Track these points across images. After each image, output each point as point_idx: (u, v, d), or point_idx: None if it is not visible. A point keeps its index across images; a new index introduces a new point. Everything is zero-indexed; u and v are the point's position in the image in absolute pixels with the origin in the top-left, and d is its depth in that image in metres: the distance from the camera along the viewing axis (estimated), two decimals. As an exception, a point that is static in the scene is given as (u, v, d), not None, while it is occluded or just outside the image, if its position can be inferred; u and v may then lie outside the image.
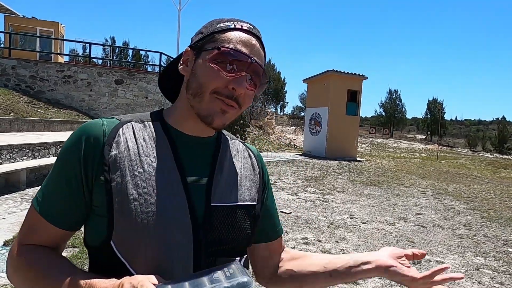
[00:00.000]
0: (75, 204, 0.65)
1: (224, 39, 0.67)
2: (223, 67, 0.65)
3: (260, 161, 0.84)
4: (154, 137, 0.69)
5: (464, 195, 7.96)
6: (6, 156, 6.01)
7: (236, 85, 0.65)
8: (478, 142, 43.10)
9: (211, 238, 0.67)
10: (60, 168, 0.66)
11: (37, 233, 0.66)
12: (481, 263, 3.85)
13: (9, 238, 3.54)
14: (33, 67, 12.30)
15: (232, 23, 0.69)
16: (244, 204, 0.73)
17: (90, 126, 0.67)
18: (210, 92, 0.66)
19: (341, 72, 15.03)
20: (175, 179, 0.66)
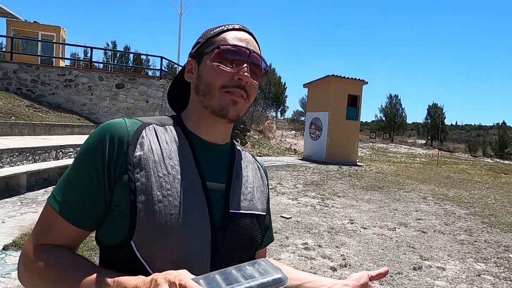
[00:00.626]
0: (96, 203, 0.64)
1: (220, 40, 0.72)
2: (226, 64, 0.70)
3: (265, 173, 0.88)
4: (176, 141, 0.71)
5: (465, 200, 7.94)
6: (6, 159, 6.01)
7: (242, 76, 0.69)
8: (478, 147, 43.09)
9: (228, 243, 0.68)
10: (81, 166, 0.65)
11: (53, 233, 0.65)
12: (482, 269, 3.84)
13: (8, 242, 3.53)
14: (34, 71, 12.34)
15: (225, 26, 0.75)
16: (257, 213, 0.76)
17: (114, 125, 0.67)
18: (218, 88, 0.69)
19: (342, 77, 15.06)
20: (197, 183, 0.68)
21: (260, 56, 0.73)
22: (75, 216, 0.64)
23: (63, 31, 17.15)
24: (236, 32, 0.74)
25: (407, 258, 3.99)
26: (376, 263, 3.78)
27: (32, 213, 4.71)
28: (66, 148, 7.62)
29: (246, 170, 0.80)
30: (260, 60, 0.73)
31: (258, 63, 0.73)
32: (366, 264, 3.73)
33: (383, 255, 4.04)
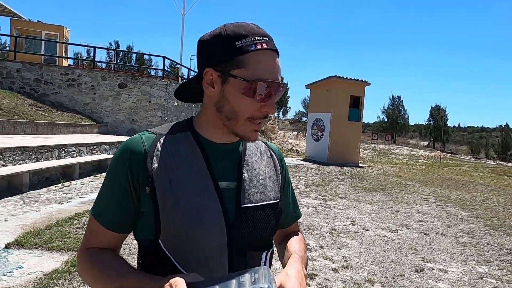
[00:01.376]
0: (127, 211, 0.75)
1: (252, 67, 0.70)
2: (255, 96, 0.71)
3: (281, 159, 0.92)
4: (188, 148, 0.77)
5: (467, 202, 7.91)
6: (9, 158, 6.03)
7: (269, 109, 0.73)
8: (481, 149, 42.89)
9: (242, 236, 0.76)
10: (111, 181, 0.76)
11: (97, 238, 0.77)
12: (484, 272, 3.82)
13: (11, 241, 3.54)
14: (37, 70, 12.39)
15: (252, 41, 0.71)
16: (269, 203, 0.82)
17: (131, 143, 0.76)
18: (244, 119, 0.74)
19: (344, 78, 15.04)
20: (209, 185, 0.75)
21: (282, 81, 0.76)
22: (112, 224, 0.76)
23: (67, 30, 17.21)
24: (268, 55, 0.72)
25: (409, 260, 3.98)
26: (378, 265, 3.77)
27: (34, 212, 4.72)
28: (68, 147, 7.64)
29: (258, 162, 0.84)
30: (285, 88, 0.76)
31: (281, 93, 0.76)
32: (367, 266, 3.72)
33: (385, 257, 4.03)
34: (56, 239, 3.71)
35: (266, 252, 0.83)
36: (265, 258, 0.83)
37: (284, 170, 0.92)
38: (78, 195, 5.89)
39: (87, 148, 8.31)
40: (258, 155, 0.85)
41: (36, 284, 2.77)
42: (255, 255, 0.79)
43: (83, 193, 6.09)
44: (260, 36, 0.72)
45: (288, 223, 0.95)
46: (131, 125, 13.10)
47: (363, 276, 3.45)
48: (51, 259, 3.24)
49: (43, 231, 3.92)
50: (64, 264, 3.14)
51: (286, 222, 0.95)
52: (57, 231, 3.95)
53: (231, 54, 0.71)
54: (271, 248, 0.84)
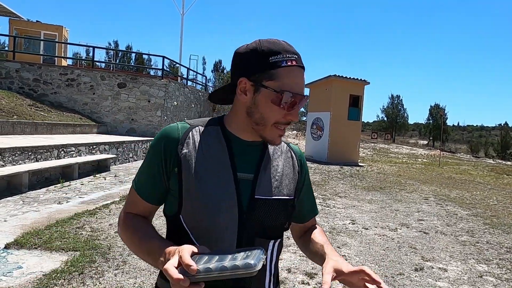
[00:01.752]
0: (159, 186, 0.88)
1: (280, 78, 0.81)
2: (281, 104, 0.82)
3: (301, 160, 1.01)
4: (216, 140, 0.88)
5: (467, 201, 7.92)
6: (8, 158, 6.02)
7: (293, 117, 0.84)
8: (480, 148, 42.93)
9: (252, 223, 0.85)
10: (149, 160, 0.89)
11: (135, 205, 0.91)
12: (484, 270, 3.82)
13: (10, 241, 3.54)
14: (36, 70, 12.37)
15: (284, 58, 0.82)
16: (282, 198, 0.90)
17: (169, 129, 0.89)
18: (271, 124, 0.84)
19: (343, 77, 15.04)
20: (228, 175, 0.85)
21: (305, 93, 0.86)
22: (147, 196, 0.89)
23: (66, 30, 17.18)
24: (296, 71, 0.83)
25: (408, 259, 3.98)
26: (378, 264, 3.77)
27: (33, 212, 4.72)
28: (68, 147, 7.63)
29: (277, 160, 0.94)
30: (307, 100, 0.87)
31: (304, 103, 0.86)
32: (367, 265, 3.72)
33: (385, 256, 4.03)
34: (56, 239, 3.71)
35: (274, 241, 0.91)
36: (272, 246, 0.90)
37: (304, 171, 1.01)
38: (77, 195, 5.88)
39: (87, 148, 8.30)
40: (278, 154, 0.95)
41: (36, 284, 2.76)
42: (263, 242, 0.87)
43: (83, 193, 6.09)
44: (291, 54, 0.83)
45: (305, 218, 1.05)
46: (130, 125, 13.09)
47: (363, 275, 3.45)
48: (51, 259, 3.23)
49: (43, 231, 3.92)
50: (64, 264, 3.14)
51: (303, 217, 1.04)
52: (56, 231, 3.95)
53: (264, 67, 0.82)
54: (279, 239, 0.92)
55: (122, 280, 2.96)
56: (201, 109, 18.09)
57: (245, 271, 0.63)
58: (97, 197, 5.85)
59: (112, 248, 3.63)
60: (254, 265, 0.64)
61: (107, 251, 3.52)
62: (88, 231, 4.10)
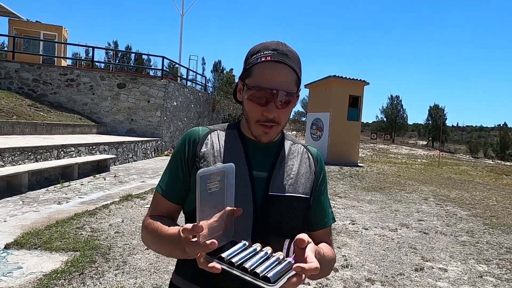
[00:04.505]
0: (182, 186, 0.92)
1: (253, 75, 0.84)
2: (257, 101, 0.84)
3: (318, 162, 1.01)
4: (232, 142, 0.93)
5: (466, 201, 7.93)
6: (8, 159, 6.02)
7: (267, 113, 0.83)
8: (479, 148, 42.98)
9: (267, 220, 0.87)
10: (171, 161, 0.94)
11: (159, 207, 0.94)
12: (484, 271, 3.82)
13: (10, 241, 3.53)
14: (36, 71, 12.36)
15: (260, 55, 0.85)
16: (297, 195, 0.91)
17: (191, 132, 0.95)
18: (254, 122, 0.86)
19: (343, 78, 15.05)
20: (244, 172, 0.88)
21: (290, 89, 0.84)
22: (169, 194, 0.92)
23: (65, 30, 17.17)
24: (266, 65, 0.83)
25: (408, 259, 3.98)
26: (378, 264, 3.77)
27: (33, 212, 4.71)
28: (67, 148, 7.62)
29: (292, 160, 0.95)
30: (288, 93, 0.84)
31: (286, 97, 0.84)
32: (367, 265, 3.72)
33: (385, 256, 4.03)
34: (56, 239, 3.70)
35: (290, 240, 0.84)
36: (288, 245, 0.85)
37: (321, 172, 1.00)
38: (77, 196, 5.88)
39: (86, 149, 8.30)
40: (294, 154, 0.97)
41: (36, 284, 2.76)
42: (278, 239, 0.83)
43: (82, 193, 6.08)
44: (269, 50, 0.85)
45: (316, 226, 0.98)
46: (130, 125, 13.08)
47: (363, 275, 3.46)
48: (51, 260, 3.23)
49: (43, 231, 3.91)
50: (64, 264, 3.13)
51: (314, 224, 0.98)
52: (56, 232, 3.94)
53: (246, 66, 0.88)
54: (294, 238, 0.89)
55: (122, 280, 2.96)
56: (200, 110, 18.08)
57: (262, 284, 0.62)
58: (97, 198, 5.84)
59: (112, 248, 3.62)
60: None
61: (107, 251, 3.51)
62: (88, 231, 4.10)
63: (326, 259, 0.88)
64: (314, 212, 0.97)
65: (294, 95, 0.87)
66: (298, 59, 0.90)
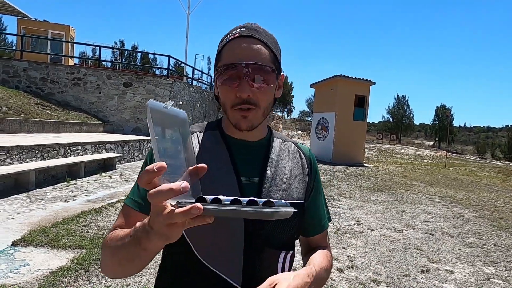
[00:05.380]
0: None
1: (222, 58, 0.75)
2: (229, 83, 0.74)
3: (311, 161, 0.92)
4: (215, 145, 0.82)
5: (474, 203, 7.84)
6: (16, 156, 6.08)
7: (239, 93, 0.73)
8: (487, 149, 42.51)
9: (260, 232, 0.77)
10: (145, 165, 0.77)
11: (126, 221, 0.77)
12: (491, 273, 3.78)
13: (17, 238, 3.57)
14: (44, 69, 12.47)
15: (228, 36, 0.77)
16: (292, 202, 0.81)
17: None
18: (229, 108, 0.76)
19: (349, 77, 14.98)
20: (232, 179, 0.78)
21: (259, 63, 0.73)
22: (139, 204, 0.77)
23: (72, 29, 17.31)
24: (235, 42, 0.75)
25: (414, 261, 3.95)
26: (383, 265, 3.75)
27: (40, 209, 4.76)
28: (74, 146, 7.68)
29: (284, 161, 0.85)
30: (261, 66, 0.73)
31: (261, 69, 0.73)
32: (373, 266, 3.70)
33: (390, 257, 4.00)
34: (62, 237, 3.74)
35: (285, 252, 0.80)
36: (283, 258, 0.80)
37: (314, 173, 0.90)
38: (83, 194, 5.92)
39: (93, 147, 8.36)
40: (285, 154, 0.87)
41: (43, 281, 2.78)
42: (273, 253, 0.78)
43: (89, 191, 6.13)
44: (238, 28, 0.77)
45: (312, 231, 0.91)
46: (136, 124, 13.15)
47: (369, 276, 3.43)
48: (57, 257, 3.26)
49: (49, 229, 3.95)
50: (70, 261, 3.16)
51: (310, 229, 0.91)
52: (63, 229, 3.98)
53: (218, 51, 0.78)
54: (291, 250, 0.82)
55: (127, 279, 2.97)
56: (206, 109, 18.12)
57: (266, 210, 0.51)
58: (103, 196, 5.88)
59: (117, 246, 3.64)
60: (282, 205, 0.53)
61: (112, 249, 3.53)
62: (94, 229, 4.13)
63: (319, 277, 0.78)
64: (309, 216, 0.89)
65: (269, 69, 0.74)
66: (274, 40, 0.80)
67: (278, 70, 0.78)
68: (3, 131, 7.98)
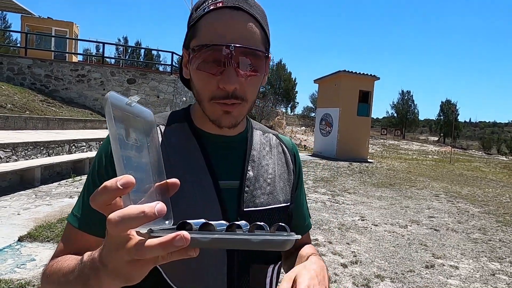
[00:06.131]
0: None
1: (199, 34, 0.58)
2: (208, 68, 0.57)
3: (294, 155, 0.79)
4: (183, 142, 0.65)
5: (479, 198, 7.80)
6: (21, 153, 6.12)
7: (223, 83, 0.56)
8: (493, 144, 42.21)
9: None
10: (95, 176, 0.61)
11: (71, 244, 0.61)
12: (496, 269, 3.76)
13: (23, 234, 3.60)
14: (48, 66, 12.53)
15: (207, 4, 0.59)
16: (278, 206, 0.69)
17: None
18: (207, 100, 0.60)
19: (353, 73, 14.90)
20: (207, 184, 0.63)
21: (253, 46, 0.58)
22: (91, 226, 0.60)
23: (76, 26, 17.34)
24: (218, 14, 0.57)
25: (419, 256, 3.94)
26: (387, 261, 3.74)
27: (46, 205, 4.80)
28: (79, 142, 7.73)
29: (266, 158, 0.72)
30: (253, 51, 0.58)
31: (252, 53, 0.58)
32: (377, 261, 3.69)
33: (395, 253, 4.00)
34: (68, 232, 3.77)
35: (274, 265, 0.69)
36: (271, 272, 0.69)
37: (298, 168, 0.78)
38: (88, 190, 5.96)
39: (97, 143, 8.40)
40: (267, 149, 0.73)
41: (49, 276, 2.81)
42: (260, 268, 0.65)
43: (94, 187, 6.17)
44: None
45: (298, 233, 0.66)
46: (140, 120, 13.20)
47: (373, 271, 3.43)
48: (63, 252, 3.29)
49: (55, 224, 3.98)
50: (76, 257, 3.18)
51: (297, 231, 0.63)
52: (68, 225, 4.01)
53: (190, 25, 0.61)
54: (279, 261, 0.71)
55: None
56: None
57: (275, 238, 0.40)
58: (108, 192, 5.92)
59: (122, 242, 3.67)
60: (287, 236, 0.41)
61: (117, 245, 3.56)
62: (99, 225, 4.16)
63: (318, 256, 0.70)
64: (295, 217, 0.76)
65: (262, 55, 0.59)
66: (264, 13, 0.65)
67: (268, 54, 0.62)
68: (8, 127, 8.04)
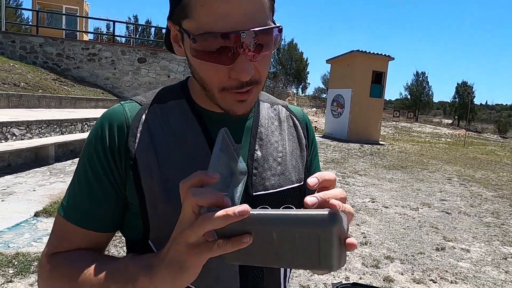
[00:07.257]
0: (109, 202, 0.56)
1: (195, 14, 0.48)
2: (216, 58, 0.49)
3: (307, 127, 0.72)
4: (182, 120, 0.59)
5: (493, 182, 7.67)
6: (35, 131, 6.22)
7: (237, 74, 0.49)
8: (509, 128, 41.21)
9: None
10: (86, 164, 0.56)
11: (67, 240, 0.57)
12: (509, 253, 3.72)
13: (39, 210, 3.70)
14: (59, 45, 12.54)
15: None
16: (291, 187, 0.63)
17: (110, 114, 0.58)
18: (217, 91, 0.53)
19: (367, 53, 14.51)
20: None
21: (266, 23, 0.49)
22: (86, 219, 0.56)
23: (86, 4, 17.21)
24: None
25: (429, 239, 3.92)
26: (398, 242, 3.74)
27: (60, 182, 4.90)
28: (91, 121, 7.80)
29: (275, 134, 0.65)
30: (266, 30, 0.49)
31: (262, 36, 0.49)
32: (387, 243, 3.69)
33: (405, 235, 3.98)
34: (82, 209, 3.85)
35: None
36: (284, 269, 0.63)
37: (311, 142, 0.72)
38: (101, 168, 6.06)
39: (109, 122, 8.48)
40: (276, 124, 0.66)
41: (64, 250, 2.90)
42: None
43: (106, 165, 6.27)
44: None
45: None
46: (150, 100, 13.24)
47: (382, 253, 3.43)
48: (77, 228, 3.37)
49: (69, 201, 4.08)
50: (90, 232, 3.26)
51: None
52: (82, 201, 4.10)
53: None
54: None
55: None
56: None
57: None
58: (120, 170, 6.01)
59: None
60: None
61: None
62: (111, 202, 4.24)
63: None
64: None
65: (275, 31, 0.50)
66: None
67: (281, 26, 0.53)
68: (22, 106, 8.15)
